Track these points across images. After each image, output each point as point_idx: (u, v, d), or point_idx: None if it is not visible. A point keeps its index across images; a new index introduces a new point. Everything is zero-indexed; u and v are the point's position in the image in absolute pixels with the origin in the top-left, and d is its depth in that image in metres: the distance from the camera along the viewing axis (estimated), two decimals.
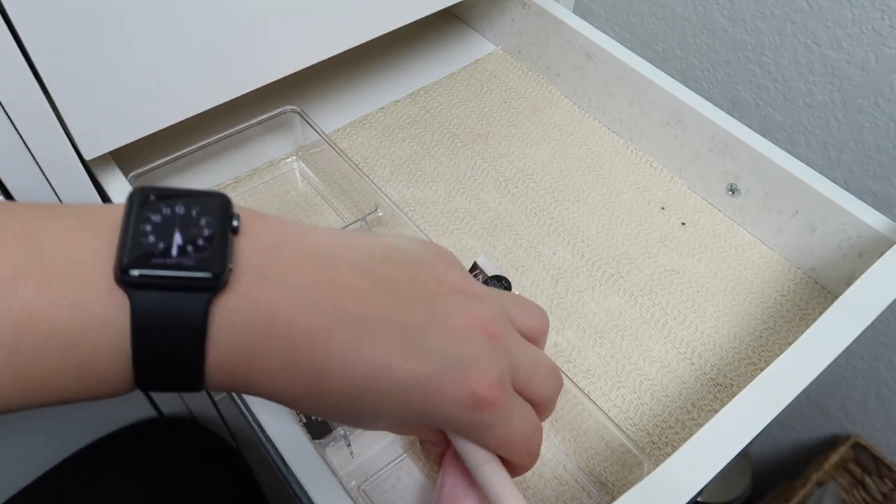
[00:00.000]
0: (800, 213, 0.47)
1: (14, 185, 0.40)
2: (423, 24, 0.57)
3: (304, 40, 0.45)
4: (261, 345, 0.24)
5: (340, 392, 0.25)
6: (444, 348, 0.26)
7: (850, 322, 0.37)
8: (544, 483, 0.39)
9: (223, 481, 0.62)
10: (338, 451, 0.39)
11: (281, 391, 0.25)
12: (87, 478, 0.59)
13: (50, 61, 0.36)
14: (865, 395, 0.78)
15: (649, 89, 0.52)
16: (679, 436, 0.41)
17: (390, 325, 0.26)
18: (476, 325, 0.27)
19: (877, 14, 0.53)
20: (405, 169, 0.54)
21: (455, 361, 0.26)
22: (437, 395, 0.26)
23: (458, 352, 0.26)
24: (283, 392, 0.25)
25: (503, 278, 0.38)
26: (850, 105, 0.58)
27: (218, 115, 0.45)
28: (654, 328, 0.46)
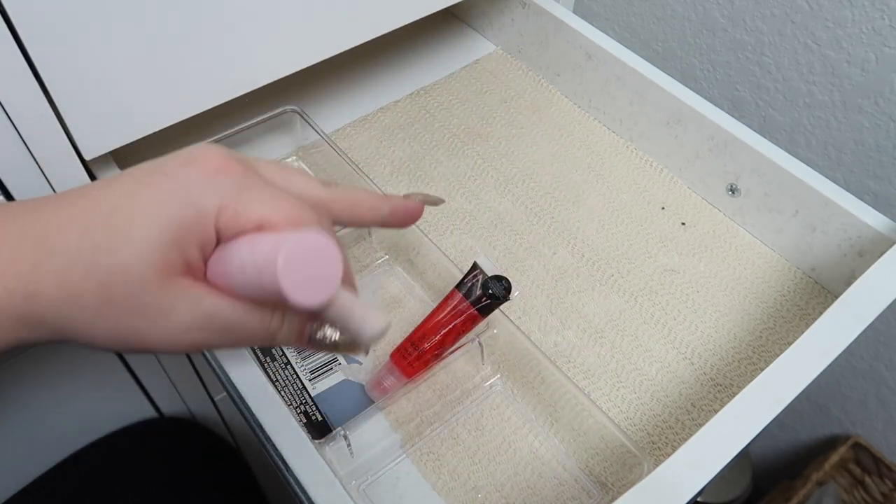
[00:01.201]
0: (800, 213, 0.47)
1: (14, 185, 0.40)
2: (423, 24, 0.57)
3: (304, 40, 0.45)
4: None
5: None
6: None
7: (850, 322, 0.37)
8: (544, 483, 0.39)
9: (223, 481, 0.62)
10: (338, 451, 0.39)
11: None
12: (87, 478, 0.59)
13: (50, 61, 0.36)
14: (865, 395, 0.78)
15: (649, 89, 0.52)
16: (679, 436, 0.41)
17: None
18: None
19: (877, 14, 0.53)
20: (405, 169, 0.54)
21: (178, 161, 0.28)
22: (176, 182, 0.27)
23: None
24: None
25: (503, 278, 0.38)
26: (850, 105, 0.58)
27: (218, 115, 0.45)
28: (654, 328, 0.46)
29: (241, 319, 0.28)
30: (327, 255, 0.26)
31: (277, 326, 0.30)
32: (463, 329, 0.39)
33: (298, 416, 0.41)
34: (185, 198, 0.27)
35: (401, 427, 0.41)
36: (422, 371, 0.40)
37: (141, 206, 0.27)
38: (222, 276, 0.28)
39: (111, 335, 0.27)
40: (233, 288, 0.28)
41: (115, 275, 0.26)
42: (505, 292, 0.38)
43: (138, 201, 0.27)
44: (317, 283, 0.26)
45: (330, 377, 0.43)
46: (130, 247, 0.26)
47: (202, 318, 0.27)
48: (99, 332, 0.27)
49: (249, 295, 0.28)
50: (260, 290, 0.27)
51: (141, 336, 0.27)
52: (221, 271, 0.28)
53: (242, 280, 0.27)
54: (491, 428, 0.41)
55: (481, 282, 0.39)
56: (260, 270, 0.26)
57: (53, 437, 0.59)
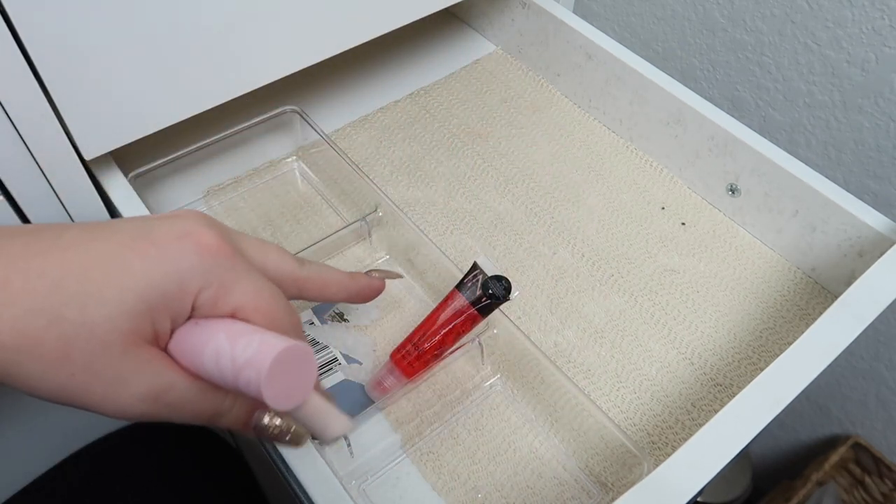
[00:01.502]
0: (800, 213, 0.47)
1: (14, 185, 0.40)
2: (423, 24, 0.57)
3: (304, 40, 0.45)
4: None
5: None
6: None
7: (850, 322, 0.37)
8: (544, 483, 0.39)
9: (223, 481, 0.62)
10: (338, 451, 0.39)
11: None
12: (87, 478, 0.59)
13: (50, 61, 0.36)
14: (865, 395, 0.78)
15: (649, 89, 0.52)
16: (679, 436, 0.41)
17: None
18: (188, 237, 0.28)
19: (877, 14, 0.53)
20: (405, 169, 0.54)
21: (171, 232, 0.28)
22: (163, 254, 0.27)
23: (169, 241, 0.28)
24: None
25: (503, 278, 0.38)
26: (850, 105, 0.58)
27: (218, 115, 0.45)
28: (654, 328, 0.46)
29: (195, 398, 0.28)
30: (306, 364, 0.28)
31: (227, 409, 0.30)
32: (463, 329, 0.39)
33: None
34: (171, 272, 0.27)
35: (401, 427, 0.41)
36: (422, 371, 0.40)
37: (122, 271, 0.26)
38: (188, 353, 0.28)
39: (59, 391, 0.26)
40: (195, 368, 0.28)
41: (81, 332, 0.25)
42: (505, 292, 0.38)
43: (120, 265, 0.26)
44: (294, 389, 0.28)
45: (330, 377, 0.43)
46: (102, 308, 0.26)
47: (158, 390, 0.27)
48: (47, 387, 0.26)
49: (210, 378, 0.28)
50: (228, 381, 0.27)
51: (91, 398, 0.26)
52: (188, 349, 0.28)
53: (213, 367, 0.27)
54: (491, 428, 0.41)
55: (481, 282, 0.39)
56: (238, 367, 0.26)
57: (53, 437, 0.59)
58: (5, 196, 0.40)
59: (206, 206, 0.51)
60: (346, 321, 0.46)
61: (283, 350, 0.26)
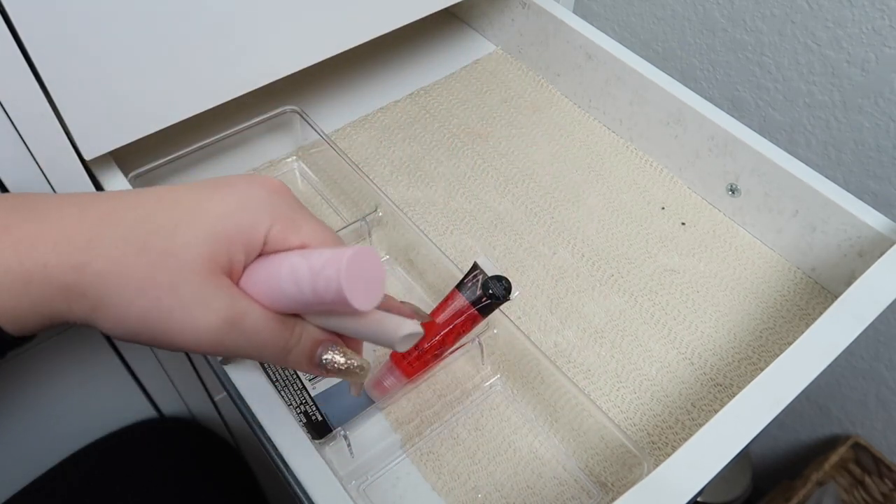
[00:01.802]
0: (800, 213, 0.47)
1: (14, 185, 0.40)
2: (423, 24, 0.57)
3: (304, 40, 0.45)
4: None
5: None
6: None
7: (850, 322, 0.37)
8: (544, 483, 0.39)
9: (223, 481, 0.62)
10: (338, 451, 0.39)
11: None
12: (87, 478, 0.59)
13: (50, 61, 0.36)
14: (865, 395, 0.78)
15: (649, 89, 0.52)
16: (679, 436, 0.41)
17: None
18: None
19: (877, 14, 0.53)
20: (405, 169, 0.54)
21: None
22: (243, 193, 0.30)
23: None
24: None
25: (503, 278, 0.38)
26: (850, 105, 0.58)
27: (218, 115, 0.45)
28: (654, 328, 0.46)
29: (266, 327, 0.30)
30: (376, 267, 0.29)
31: (295, 343, 0.31)
32: (463, 329, 0.39)
33: (298, 416, 0.41)
34: (245, 207, 0.29)
35: (401, 427, 0.41)
36: (422, 371, 0.40)
37: (202, 207, 0.29)
38: (261, 282, 0.30)
39: (144, 317, 0.28)
40: (268, 298, 0.30)
41: (166, 258, 0.28)
42: (505, 292, 0.38)
43: (201, 202, 0.29)
44: (369, 290, 0.29)
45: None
46: (185, 237, 0.28)
47: (234, 315, 0.29)
48: (134, 312, 0.28)
49: (282, 306, 0.30)
50: (305, 292, 0.29)
51: (172, 324, 0.28)
52: (261, 278, 0.30)
53: (289, 283, 0.29)
54: (491, 428, 0.41)
55: (481, 282, 0.39)
56: (316, 272, 0.28)
57: (53, 437, 0.59)
58: None
59: None
60: None
61: (357, 250, 0.28)
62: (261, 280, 0.30)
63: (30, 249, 0.27)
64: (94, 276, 0.28)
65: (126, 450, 0.61)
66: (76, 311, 0.28)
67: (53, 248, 0.27)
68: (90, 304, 0.28)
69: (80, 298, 0.28)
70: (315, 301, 0.29)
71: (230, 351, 0.30)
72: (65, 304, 0.28)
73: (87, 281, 0.28)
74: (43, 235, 0.28)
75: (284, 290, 0.29)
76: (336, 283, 0.27)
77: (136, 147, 0.42)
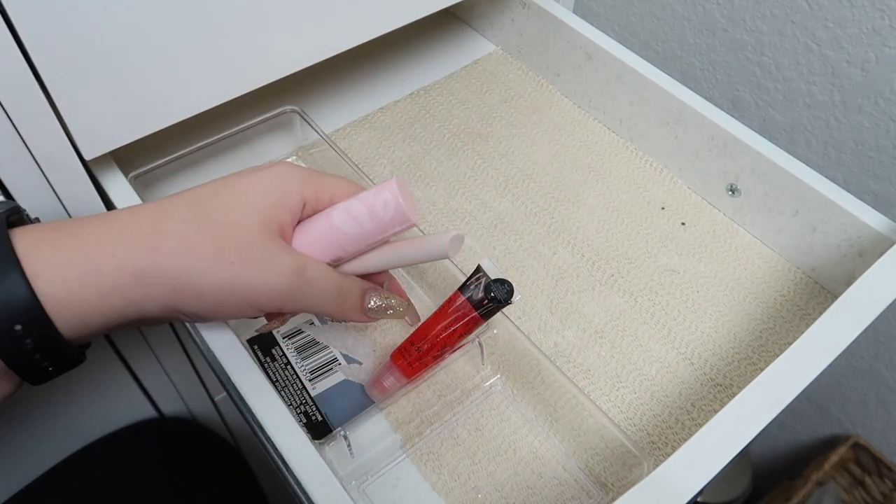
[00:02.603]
0: (800, 213, 0.47)
1: (14, 185, 0.40)
2: (423, 24, 0.57)
3: (304, 40, 0.45)
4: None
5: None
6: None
7: (850, 322, 0.37)
8: (544, 483, 0.39)
9: (223, 481, 0.62)
10: (338, 451, 0.39)
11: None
12: (87, 478, 0.59)
13: (50, 61, 0.36)
14: (865, 395, 0.78)
15: (649, 89, 0.52)
16: (679, 436, 0.41)
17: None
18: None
19: (877, 14, 0.53)
20: (405, 169, 0.54)
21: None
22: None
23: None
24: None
25: (506, 282, 0.38)
26: (850, 105, 0.58)
27: (218, 115, 0.45)
28: (654, 328, 0.46)
29: (325, 274, 0.34)
30: (409, 189, 0.34)
31: (348, 289, 0.35)
32: (464, 331, 0.39)
33: (298, 416, 0.41)
34: (280, 178, 0.33)
35: (401, 427, 0.41)
36: (421, 371, 0.40)
37: (245, 185, 0.33)
38: (312, 237, 0.34)
39: (220, 285, 0.30)
40: (320, 248, 0.34)
41: (228, 228, 0.31)
42: (507, 296, 0.38)
43: (242, 183, 0.33)
44: (413, 208, 0.34)
45: (330, 377, 0.43)
46: (240, 208, 0.32)
47: (299, 266, 0.32)
48: (210, 284, 0.30)
49: (333, 254, 0.35)
50: (364, 222, 0.33)
51: (249, 281, 0.31)
52: (312, 233, 0.34)
53: (344, 219, 0.34)
54: (491, 428, 0.41)
55: (484, 285, 0.39)
56: (370, 202, 0.33)
57: (53, 437, 0.59)
58: (5, 196, 0.40)
59: None
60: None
61: (396, 178, 0.33)
62: (311, 235, 0.34)
63: (97, 245, 0.29)
64: (166, 256, 0.29)
65: (126, 450, 0.61)
66: (153, 297, 0.30)
67: (121, 240, 0.29)
68: (169, 286, 0.30)
69: (157, 281, 0.30)
70: (375, 230, 0.34)
71: (299, 303, 0.33)
72: (139, 291, 0.29)
73: (162, 262, 0.29)
74: (108, 233, 0.30)
75: (343, 230, 0.34)
76: (394, 202, 0.32)
77: (136, 147, 0.42)
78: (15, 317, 0.27)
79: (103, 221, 0.30)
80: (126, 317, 0.30)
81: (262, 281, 0.31)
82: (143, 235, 0.30)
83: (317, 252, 0.34)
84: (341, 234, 0.34)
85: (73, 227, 0.30)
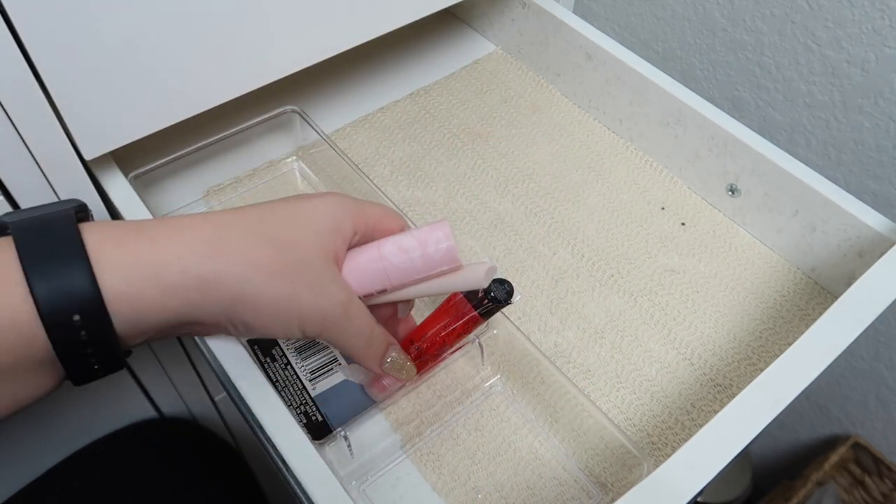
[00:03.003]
0: (800, 213, 0.47)
1: (14, 185, 0.40)
2: (423, 24, 0.57)
3: (304, 40, 0.45)
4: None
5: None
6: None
7: (850, 322, 0.37)
8: (544, 483, 0.39)
9: (223, 481, 0.62)
10: (338, 451, 0.39)
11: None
12: (87, 478, 0.59)
13: (50, 61, 0.36)
14: (865, 395, 0.78)
15: (649, 89, 0.52)
16: (679, 436, 0.41)
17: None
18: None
19: (877, 14, 0.53)
20: (405, 169, 0.54)
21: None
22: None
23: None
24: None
25: (506, 282, 0.38)
26: (850, 105, 0.58)
27: (218, 115, 0.45)
28: (654, 328, 0.46)
29: (363, 314, 0.34)
30: (450, 232, 0.35)
31: (377, 337, 0.35)
32: (464, 331, 0.39)
33: (298, 416, 0.41)
34: (336, 206, 0.34)
35: (401, 427, 0.41)
36: (421, 371, 0.40)
37: (303, 209, 0.33)
38: (360, 269, 0.35)
39: (276, 302, 0.31)
40: (365, 281, 0.35)
41: (291, 249, 0.32)
42: (507, 296, 0.38)
43: (300, 206, 0.34)
44: (456, 249, 0.35)
45: (330, 377, 0.43)
46: (300, 230, 0.32)
47: (346, 299, 0.33)
48: (268, 299, 0.31)
49: (378, 286, 0.35)
50: (415, 259, 0.34)
51: (303, 302, 0.31)
52: (360, 264, 0.35)
53: (399, 259, 0.34)
54: (491, 428, 0.41)
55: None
56: (422, 239, 0.34)
57: (54, 437, 0.59)
58: (5, 196, 0.40)
59: (206, 207, 0.51)
60: None
61: (445, 221, 0.35)
62: (361, 263, 0.35)
63: (162, 247, 0.30)
64: (228, 265, 0.30)
65: (126, 450, 0.61)
66: (213, 303, 0.30)
67: (186, 244, 0.30)
68: (229, 294, 0.30)
69: (218, 288, 0.30)
70: (424, 266, 0.34)
71: (336, 335, 0.34)
72: (199, 295, 0.30)
73: (223, 270, 0.30)
74: (173, 236, 0.30)
75: (393, 263, 0.34)
76: (446, 244, 0.34)
77: (136, 147, 0.42)
78: (75, 307, 0.27)
79: (167, 225, 0.31)
80: (182, 318, 0.30)
81: (314, 305, 0.32)
82: (207, 242, 0.30)
83: (364, 280, 0.35)
84: (391, 266, 0.35)
85: (138, 228, 0.31)
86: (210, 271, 0.30)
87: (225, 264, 0.30)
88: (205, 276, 0.30)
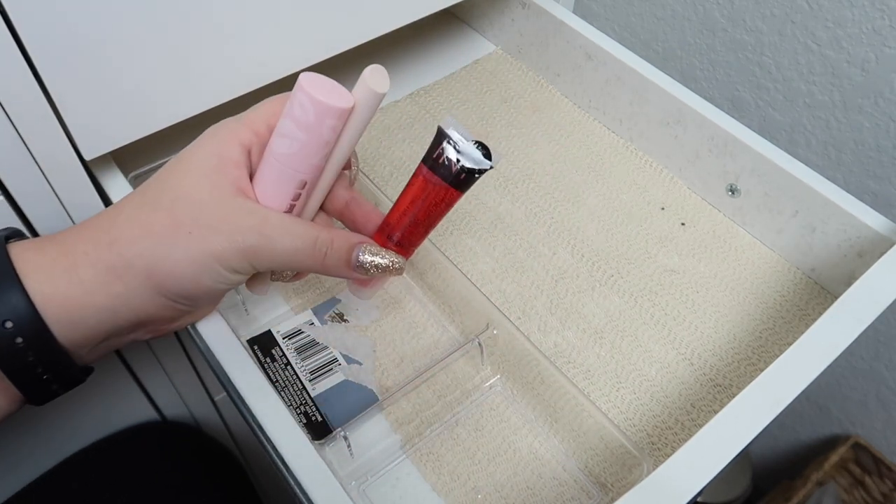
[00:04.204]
0: (800, 213, 0.47)
1: (14, 185, 0.40)
2: (423, 24, 0.57)
3: (304, 40, 0.45)
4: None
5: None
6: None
7: (850, 322, 0.37)
8: (544, 483, 0.39)
9: (223, 483, 0.62)
10: (338, 451, 0.39)
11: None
12: (86, 479, 0.59)
13: (50, 61, 0.36)
14: (865, 395, 0.78)
15: (649, 89, 0.52)
16: (679, 436, 0.41)
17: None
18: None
19: (877, 14, 0.53)
20: (405, 169, 0.54)
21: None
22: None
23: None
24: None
25: (480, 143, 0.36)
26: (850, 105, 0.58)
27: (218, 114, 0.45)
28: (653, 328, 0.46)
29: (291, 226, 0.32)
30: (325, 79, 0.32)
31: (325, 242, 0.33)
32: (440, 210, 0.36)
33: (298, 416, 0.41)
34: (214, 139, 0.33)
35: (401, 428, 0.41)
36: (405, 256, 0.37)
37: (184, 159, 0.33)
38: (265, 174, 0.33)
39: (193, 255, 0.31)
40: (278, 184, 0.33)
41: (178, 202, 0.31)
42: (483, 160, 0.35)
43: (181, 158, 0.33)
44: (335, 92, 0.32)
45: (330, 378, 0.43)
46: (185, 183, 0.32)
47: (258, 222, 0.32)
48: (179, 257, 0.30)
49: (293, 182, 0.33)
50: (302, 138, 0.32)
51: (215, 247, 0.31)
52: (262, 176, 0.33)
53: (285, 146, 0.32)
54: (491, 428, 0.41)
55: (452, 151, 0.35)
56: (288, 114, 0.31)
57: (54, 437, 0.59)
58: (5, 196, 0.40)
59: None
60: (346, 321, 0.46)
61: (304, 73, 0.32)
62: (264, 176, 0.33)
63: (72, 245, 0.31)
64: (127, 246, 0.30)
65: (126, 452, 0.61)
66: (134, 288, 0.30)
67: (88, 239, 0.31)
68: (143, 273, 0.30)
69: (130, 271, 0.30)
70: (310, 136, 0.32)
71: (270, 260, 0.32)
72: (119, 285, 0.30)
73: (125, 253, 0.30)
74: (80, 233, 0.31)
75: (285, 154, 0.32)
76: (308, 99, 0.31)
77: (136, 147, 0.42)
78: (15, 330, 0.28)
79: (77, 227, 0.32)
80: (119, 315, 0.31)
81: (227, 243, 0.31)
82: (106, 231, 0.31)
83: (279, 190, 0.33)
84: (286, 158, 0.32)
85: (54, 235, 0.31)
86: (113, 259, 0.30)
87: (122, 247, 0.30)
88: (112, 266, 0.30)
